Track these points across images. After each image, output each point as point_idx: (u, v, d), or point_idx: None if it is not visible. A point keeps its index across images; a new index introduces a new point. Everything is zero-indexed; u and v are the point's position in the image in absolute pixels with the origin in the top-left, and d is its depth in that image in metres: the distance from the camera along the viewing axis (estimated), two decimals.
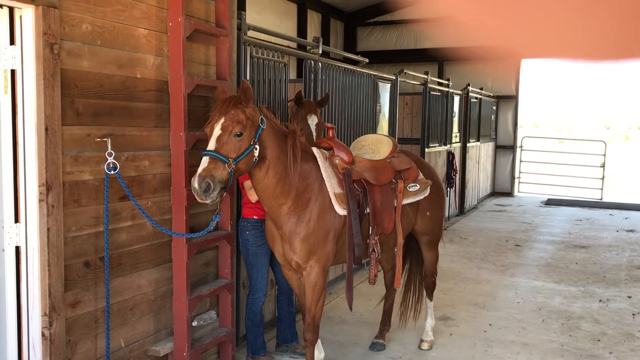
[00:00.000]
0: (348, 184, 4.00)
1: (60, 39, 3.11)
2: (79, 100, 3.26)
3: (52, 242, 3.13)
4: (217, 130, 3.43)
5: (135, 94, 3.63)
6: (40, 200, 3.08)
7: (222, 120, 3.44)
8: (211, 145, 3.41)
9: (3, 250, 3.16)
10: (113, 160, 3.41)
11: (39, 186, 3.07)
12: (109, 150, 3.39)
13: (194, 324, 4.18)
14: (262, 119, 3.63)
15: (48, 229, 3.11)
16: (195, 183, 3.31)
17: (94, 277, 3.44)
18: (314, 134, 4.98)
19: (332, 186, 3.95)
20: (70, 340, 3.31)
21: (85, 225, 3.36)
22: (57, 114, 3.11)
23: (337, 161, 4.07)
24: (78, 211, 3.31)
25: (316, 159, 3.99)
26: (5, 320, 3.20)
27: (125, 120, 3.59)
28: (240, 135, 3.46)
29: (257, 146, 3.56)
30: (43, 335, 3.15)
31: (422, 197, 4.58)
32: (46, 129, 3.06)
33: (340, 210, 3.94)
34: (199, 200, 3.37)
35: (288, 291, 4.75)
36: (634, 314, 5.97)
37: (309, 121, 5.01)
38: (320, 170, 3.96)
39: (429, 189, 4.63)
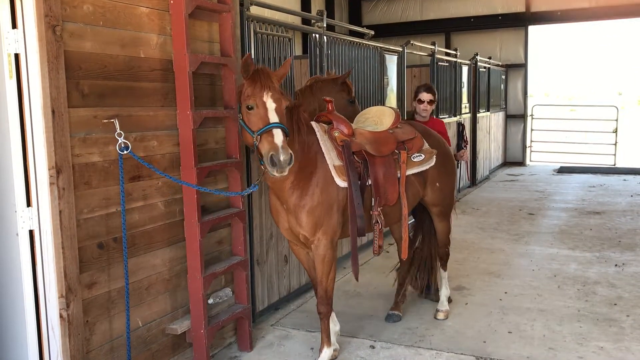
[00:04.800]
0: (347, 156, 3.98)
1: (62, 21, 3.09)
2: (84, 81, 3.25)
3: (65, 225, 3.15)
4: (270, 103, 3.49)
5: (140, 74, 3.61)
6: (51, 184, 3.09)
7: (271, 93, 3.50)
8: (274, 118, 3.47)
9: (17, 234, 3.19)
10: (124, 140, 3.40)
11: (49, 169, 3.08)
12: (118, 130, 3.38)
13: (210, 301, 4.21)
14: None
15: (60, 212, 3.12)
16: (281, 155, 3.36)
17: (108, 258, 3.46)
18: None
19: (332, 159, 3.96)
20: (88, 320, 3.35)
21: (96, 207, 3.37)
22: (62, 96, 3.10)
23: (336, 134, 4.05)
24: (89, 193, 3.31)
25: (315, 132, 3.99)
26: (23, 303, 3.24)
27: (132, 100, 3.57)
28: (287, 108, 3.58)
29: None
30: (61, 316, 3.19)
31: (427, 166, 4.54)
32: (53, 112, 3.05)
33: (341, 182, 3.94)
34: (277, 174, 3.43)
35: None
36: None
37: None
38: (320, 144, 3.96)
39: (434, 158, 4.59)
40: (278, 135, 3.40)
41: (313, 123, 4.06)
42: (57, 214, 3.11)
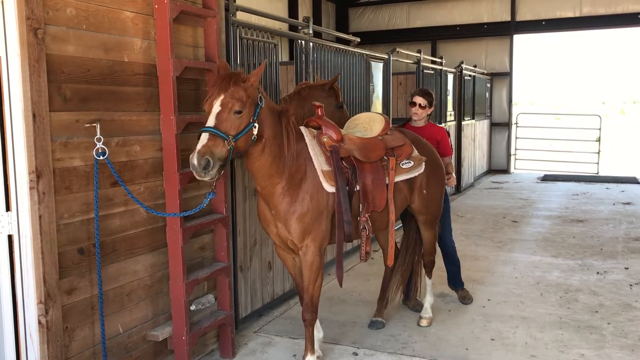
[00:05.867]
0: (335, 161, 3.98)
1: (44, 24, 3.06)
2: (66, 85, 3.22)
3: (45, 230, 3.11)
4: (216, 107, 3.41)
5: (123, 78, 3.59)
6: (31, 188, 3.05)
7: (222, 97, 3.42)
8: (210, 122, 3.38)
9: None
10: (102, 146, 3.37)
11: (29, 173, 3.04)
12: (98, 135, 3.35)
13: (192, 308, 4.18)
14: (260, 97, 3.61)
15: (40, 217, 3.08)
16: (194, 160, 3.28)
17: (88, 264, 3.42)
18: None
19: (320, 164, 3.95)
20: (68, 327, 3.30)
21: (77, 212, 3.33)
22: (44, 100, 3.07)
23: (325, 139, 4.04)
24: (70, 198, 3.28)
25: (304, 138, 3.97)
26: (0, 309, 3.19)
27: (114, 105, 3.55)
28: (240, 112, 3.44)
29: (256, 124, 3.55)
30: (40, 323, 3.14)
31: (416, 173, 4.55)
32: (34, 116, 3.02)
33: (329, 187, 3.93)
34: (197, 177, 3.35)
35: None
36: (631, 285, 6.00)
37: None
38: (308, 149, 3.95)
39: (423, 165, 4.60)
40: (201, 140, 3.33)
41: (302, 128, 4.04)
42: (36, 219, 3.07)
